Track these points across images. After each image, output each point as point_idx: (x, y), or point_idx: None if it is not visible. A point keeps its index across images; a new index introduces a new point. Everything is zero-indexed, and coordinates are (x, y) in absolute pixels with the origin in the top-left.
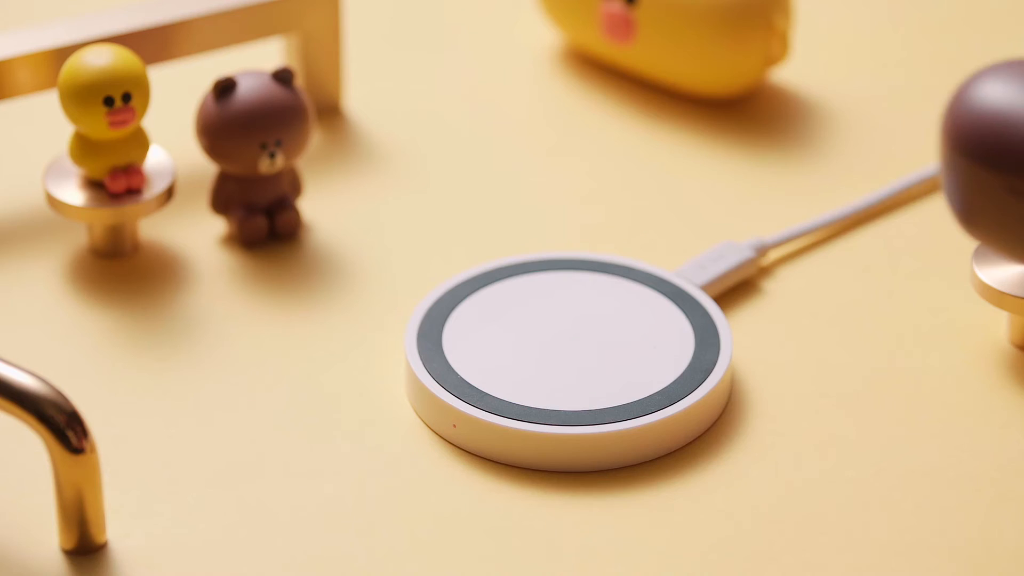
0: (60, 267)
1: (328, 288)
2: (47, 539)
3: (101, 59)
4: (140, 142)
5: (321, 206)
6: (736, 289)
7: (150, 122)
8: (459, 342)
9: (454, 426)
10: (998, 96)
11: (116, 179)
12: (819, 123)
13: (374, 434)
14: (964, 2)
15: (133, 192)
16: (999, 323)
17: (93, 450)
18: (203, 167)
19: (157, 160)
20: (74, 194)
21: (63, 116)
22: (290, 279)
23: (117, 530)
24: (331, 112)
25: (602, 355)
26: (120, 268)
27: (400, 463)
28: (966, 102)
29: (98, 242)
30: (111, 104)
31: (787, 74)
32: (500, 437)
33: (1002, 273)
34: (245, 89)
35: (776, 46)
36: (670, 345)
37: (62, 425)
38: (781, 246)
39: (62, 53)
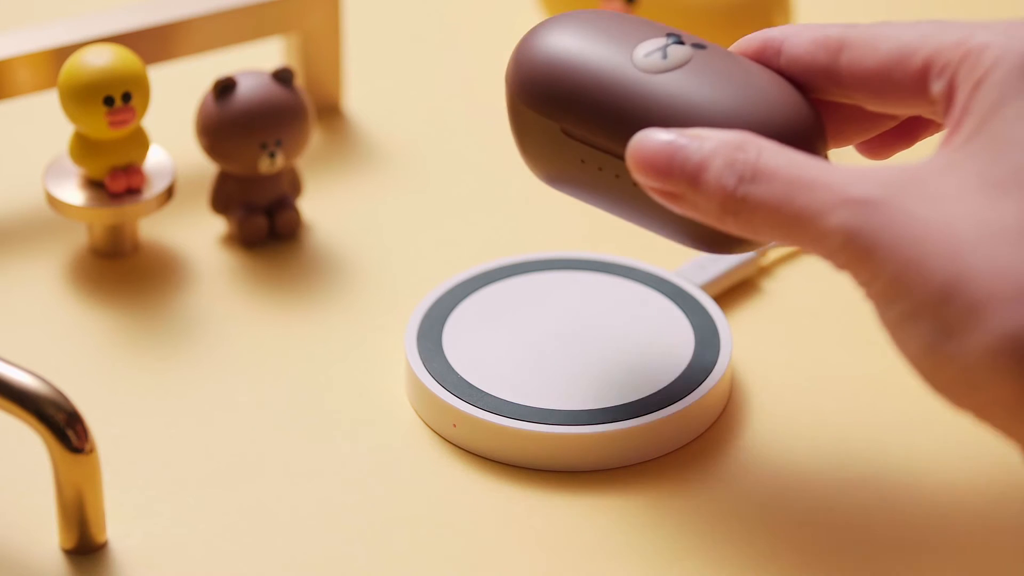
0: (60, 267)
1: (328, 288)
2: (47, 539)
3: (101, 59)
4: (140, 142)
5: (321, 206)
6: (736, 289)
7: (150, 122)
8: (459, 342)
9: (454, 426)
10: (550, 47)
11: (116, 179)
12: None
13: (374, 434)
14: (964, 2)
15: (133, 192)
16: None
17: (93, 450)
18: (203, 167)
19: (157, 160)
20: (74, 194)
21: (63, 116)
22: (290, 279)
23: (117, 530)
24: (331, 112)
25: (602, 355)
26: (120, 268)
27: (400, 463)
28: (522, 53)
29: (98, 242)
30: (111, 104)
31: None
32: (500, 437)
33: None
34: (245, 89)
35: None
36: (670, 345)
37: (62, 425)
38: (781, 246)
39: (62, 53)
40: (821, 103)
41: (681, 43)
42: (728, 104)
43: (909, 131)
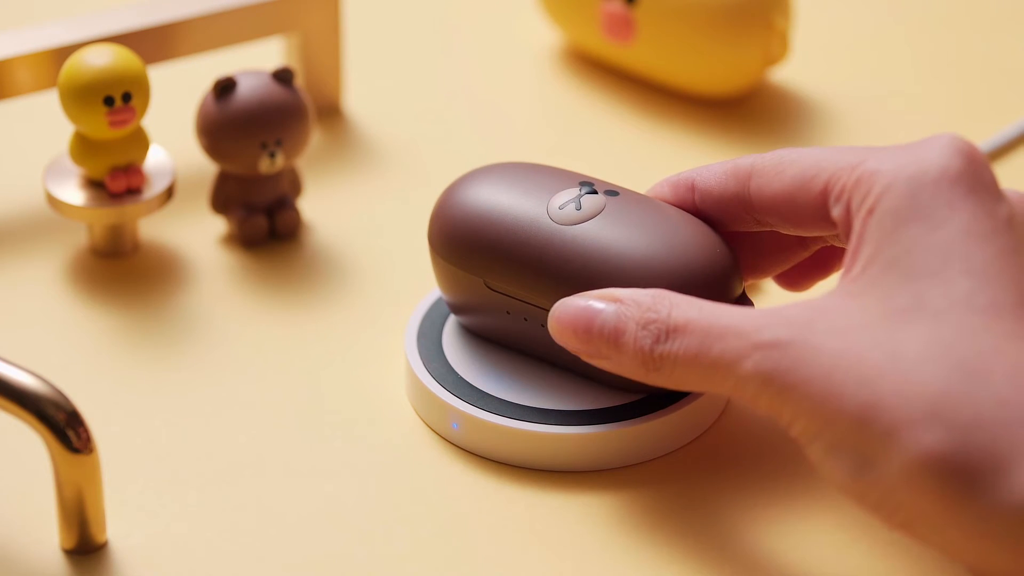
0: (60, 267)
1: (328, 288)
2: (47, 539)
3: (101, 59)
4: (140, 142)
5: (321, 206)
6: None
7: (150, 122)
8: (459, 342)
9: (454, 426)
10: (467, 204)
11: (116, 179)
12: (818, 123)
13: (374, 434)
14: (964, 2)
15: (133, 192)
16: None
17: (93, 450)
18: (203, 167)
19: (157, 160)
20: (74, 194)
21: (63, 116)
22: (290, 279)
23: (117, 530)
24: (331, 112)
25: None
26: (120, 268)
27: (400, 463)
28: (441, 211)
29: (98, 242)
30: (111, 104)
31: (787, 74)
32: (500, 437)
33: None
34: (245, 89)
35: (776, 46)
36: None
37: (62, 424)
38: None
39: (62, 53)
40: (736, 236)
41: (594, 192)
42: (643, 251)
43: (823, 262)
